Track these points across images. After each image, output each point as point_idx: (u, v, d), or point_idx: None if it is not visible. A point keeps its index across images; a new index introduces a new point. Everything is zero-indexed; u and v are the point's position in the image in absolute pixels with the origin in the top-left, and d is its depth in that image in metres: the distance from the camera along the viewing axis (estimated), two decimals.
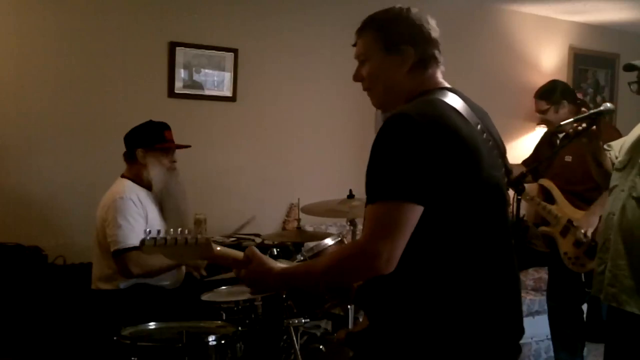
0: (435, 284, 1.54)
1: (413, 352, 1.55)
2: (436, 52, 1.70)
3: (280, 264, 1.70)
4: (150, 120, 3.11)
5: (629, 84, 2.63)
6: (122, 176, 3.10)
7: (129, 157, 3.08)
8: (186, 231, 1.67)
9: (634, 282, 2.47)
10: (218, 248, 1.71)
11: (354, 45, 1.78)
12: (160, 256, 2.90)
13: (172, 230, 1.65)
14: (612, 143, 2.78)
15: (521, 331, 1.68)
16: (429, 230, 1.50)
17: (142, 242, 1.65)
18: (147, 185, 3.07)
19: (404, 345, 1.56)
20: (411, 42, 1.67)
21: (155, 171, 3.04)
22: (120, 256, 2.85)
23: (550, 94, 3.76)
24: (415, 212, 1.48)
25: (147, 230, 1.69)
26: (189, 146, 3.25)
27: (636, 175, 2.51)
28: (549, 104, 3.73)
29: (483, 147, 1.59)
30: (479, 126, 1.63)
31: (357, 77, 1.77)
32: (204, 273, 3.17)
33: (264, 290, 1.79)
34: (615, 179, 2.65)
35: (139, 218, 2.93)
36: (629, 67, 2.60)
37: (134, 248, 2.83)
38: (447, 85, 1.71)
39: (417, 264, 1.51)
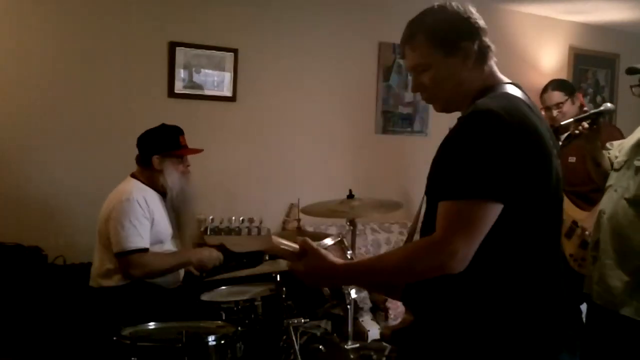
0: (494, 286, 1.50)
1: (460, 351, 1.53)
2: (489, 40, 1.65)
3: (337, 258, 1.64)
4: (164, 124, 3.11)
5: (632, 87, 2.63)
6: (132, 175, 3.09)
7: (143, 161, 3.07)
8: (248, 220, 1.64)
9: (621, 282, 2.49)
10: (278, 239, 1.69)
11: (402, 57, 1.69)
12: (161, 259, 2.94)
13: (233, 218, 1.63)
14: (614, 142, 2.79)
15: (576, 328, 1.64)
16: (499, 231, 1.46)
17: (206, 230, 1.62)
18: (160, 190, 3.07)
19: (452, 343, 1.54)
20: (468, 36, 1.61)
21: (171, 178, 3.05)
22: (123, 258, 2.86)
23: (565, 85, 3.71)
24: (495, 211, 1.44)
25: (210, 217, 1.65)
26: (202, 150, 3.26)
27: (630, 176, 2.52)
28: (566, 95, 3.62)
29: (549, 144, 1.56)
30: (543, 121, 1.60)
31: (417, 89, 1.68)
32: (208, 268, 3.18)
33: (322, 284, 1.75)
34: (611, 178, 2.67)
35: (144, 220, 2.93)
36: (632, 71, 2.59)
37: (137, 250, 2.85)
38: (509, 80, 1.67)
39: (480, 263, 1.47)
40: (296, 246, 1.67)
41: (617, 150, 2.75)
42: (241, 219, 1.63)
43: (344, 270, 1.61)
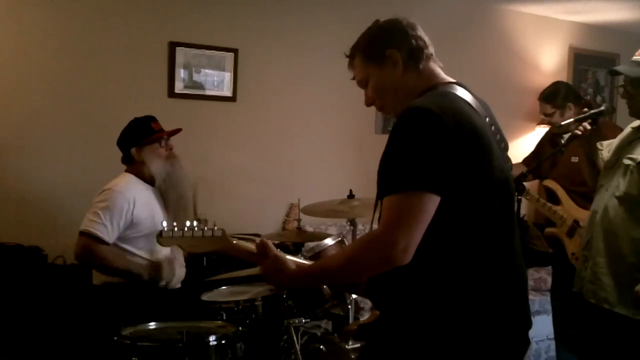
0: (447, 276, 1.55)
1: (424, 342, 1.56)
2: (421, 43, 1.72)
3: (295, 260, 1.71)
4: (135, 118, 3.11)
5: (616, 87, 2.67)
6: (127, 171, 3.10)
7: (127, 159, 3.09)
8: (203, 223, 1.69)
9: (613, 280, 2.50)
10: (234, 241, 1.73)
11: (353, 78, 1.83)
12: (114, 258, 2.90)
13: (188, 222, 1.67)
14: (604, 142, 2.81)
15: (529, 322, 1.70)
16: (442, 223, 1.51)
17: (160, 233, 1.66)
18: (150, 182, 3.07)
19: (415, 335, 1.57)
20: (392, 44, 1.72)
21: (154, 164, 3.04)
22: (80, 236, 2.88)
23: (555, 97, 3.74)
24: (433, 202, 1.49)
25: (164, 222, 1.70)
26: (180, 129, 3.22)
27: (621, 175, 2.54)
28: (554, 107, 3.71)
29: (493, 140, 1.61)
30: (487, 119, 1.66)
31: (368, 102, 1.81)
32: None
33: (280, 286, 1.80)
34: (602, 178, 2.68)
35: (121, 217, 2.89)
36: (613, 72, 2.64)
37: (95, 238, 2.85)
38: (452, 79, 1.73)
39: (430, 255, 1.52)
40: (252, 247, 1.73)
41: (606, 150, 2.77)
42: (194, 222, 1.67)
43: (299, 275, 1.69)
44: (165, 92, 4.08)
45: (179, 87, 4.11)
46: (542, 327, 4.14)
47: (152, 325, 2.57)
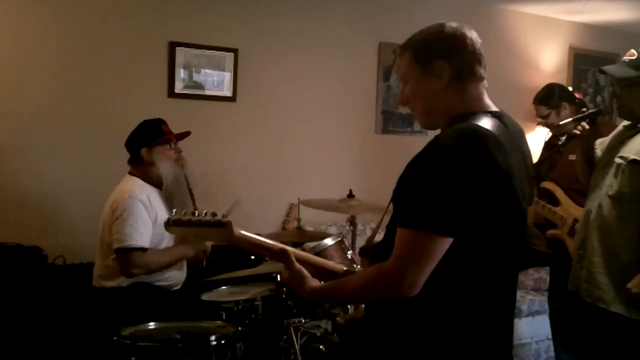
0: (443, 303, 1.58)
1: (409, 346, 1.60)
2: (476, 65, 1.64)
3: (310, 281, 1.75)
4: (145, 120, 3.12)
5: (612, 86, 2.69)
6: (131, 173, 3.10)
7: (135, 160, 3.09)
8: (211, 213, 1.68)
9: (609, 279, 2.51)
10: (241, 231, 1.70)
11: (391, 66, 1.79)
12: (160, 256, 2.94)
13: (196, 211, 1.67)
14: (596, 141, 2.81)
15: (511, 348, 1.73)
16: (451, 258, 1.53)
17: (168, 220, 1.67)
18: (157, 184, 3.07)
19: (400, 340, 1.61)
20: (445, 56, 1.62)
21: (164, 165, 3.06)
22: (123, 255, 2.85)
23: (549, 98, 3.76)
24: (445, 244, 1.50)
25: (174, 210, 1.72)
26: (189, 133, 3.26)
27: (613, 174, 2.55)
28: (549, 108, 3.73)
29: (517, 177, 1.57)
30: (517, 154, 1.61)
31: (402, 100, 1.75)
32: (212, 257, 3.19)
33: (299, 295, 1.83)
34: (595, 176, 2.69)
35: (147, 220, 2.94)
36: (600, 72, 2.67)
37: (138, 249, 2.85)
38: (492, 107, 1.67)
39: (432, 283, 1.54)
40: (262, 241, 1.75)
41: (599, 149, 2.78)
42: (204, 212, 1.66)
43: (317, 293, 1.74)
44: (165, 92, 4.08)
45: (179, 87, 4.11)
46: (542, 327, 4.13)
47: (152, 325, 2.58)
